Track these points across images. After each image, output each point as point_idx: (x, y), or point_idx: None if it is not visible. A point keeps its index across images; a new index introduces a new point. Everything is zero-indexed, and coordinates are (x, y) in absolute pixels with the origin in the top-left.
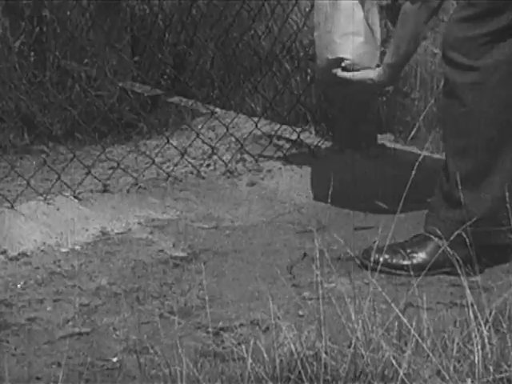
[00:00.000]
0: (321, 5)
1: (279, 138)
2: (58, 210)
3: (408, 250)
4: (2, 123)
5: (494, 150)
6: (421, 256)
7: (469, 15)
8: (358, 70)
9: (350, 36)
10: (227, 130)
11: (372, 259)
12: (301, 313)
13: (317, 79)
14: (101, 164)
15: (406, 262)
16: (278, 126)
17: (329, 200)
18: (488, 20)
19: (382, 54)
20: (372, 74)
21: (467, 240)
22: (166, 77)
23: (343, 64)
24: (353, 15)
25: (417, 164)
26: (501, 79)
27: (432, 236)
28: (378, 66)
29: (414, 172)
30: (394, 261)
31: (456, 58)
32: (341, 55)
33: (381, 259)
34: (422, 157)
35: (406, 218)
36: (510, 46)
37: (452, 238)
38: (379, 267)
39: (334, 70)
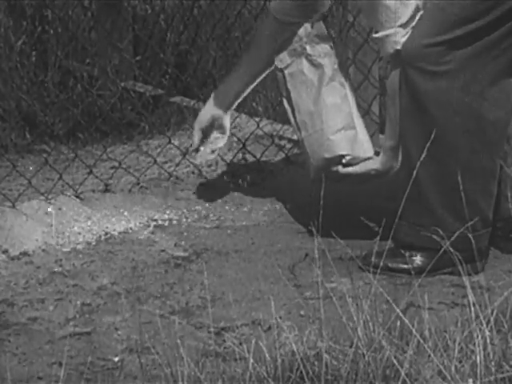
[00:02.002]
0: (300, 104)
1: (281, 138)
2: (59, 209)
3: (407, 254)
4: (3, 123)
5: (463, 158)
6: (420, 259)
7: (434, 24)
8: (358, 164)
9: (343, 131)
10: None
11: (372, 264)
12: (302, 313)
13: (312, 178)
14: (102, 164)
15: (405, 266)
16: (280, 125)
17: (330, 199)
18: (453, 28)
19: None
20: (375, 164)
21: (472, 239)
22: (167, 76)
23: (344, 161)
24: (340, 108)
25: (418, 166)
26: (464, 85)
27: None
28: (375, 153)
29: (415, 172)
30: (394, 265)
31: (420, 65)
32: (339, 152)
33: (381, 264)
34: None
35: None
36: (472, 52)
37: (453, 238)
38: (380, 271)
39: (335, 168)
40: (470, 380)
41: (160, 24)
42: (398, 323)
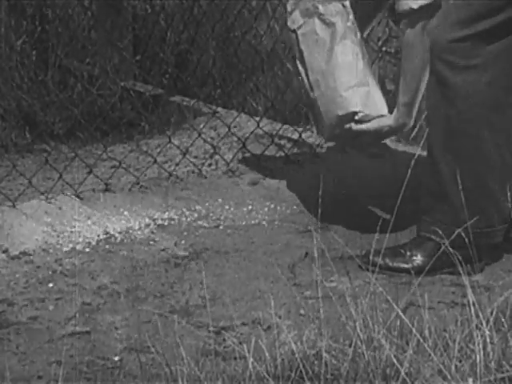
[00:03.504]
0: (313, 63)
1: (281, 137)
2: (59, 209)
3: (408, 253)
4: (3, 122)
5: (486, 152)
6: (420, 258)
7: (463, 16)
8: (371, 121)
9: (355, 88)
10: (229, 130)
11: (372, 263)
12: (302, 312)
13: (326, 137)
14: (102, 163)
15: (406, 266)
16: (280, 125)
17: (330, 199)
18: (482, 20)
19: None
20: (388, 120)
21: (466, 240)
22: (167, 76)
23: (357, 117)
24: (353, 66)
25: (413, 162)
26: (492, 79)
27: (433, 236)
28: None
29: (409, 170)
30: (395, 264)
31: (448, 59)
32: (352, 109)
33: (381, 263)
34: (416, 155)
35: (407, 217)
36: (499, 46)
37: (452, 237)
38: (380, 270)
39: (348, 125)
40: (470, 379)
41: (160, 23)
42: (398, 322)
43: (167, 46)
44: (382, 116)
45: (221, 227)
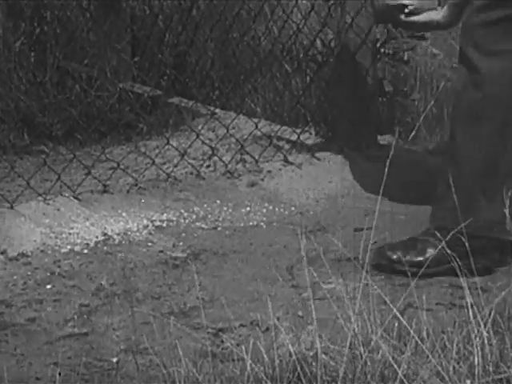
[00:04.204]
0: None
1: (279, 138)
2: (57, 210)
3: (419, 246)
4: (1, 123)
5: (506, 136)
6: (433, 251)
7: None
8: (420, 13)
9: None
10: (227, 131)
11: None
12: (300, 313)
13: (375, 21)
14: (101, 164)
15: (419, 258)
16: (278, 126)
17: (328, 201)
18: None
19: None
20: (437, 15)
21: (470, 235)
22: (166, 77)
23: (406, 10)
24: None
25: (389, 157)
26: None
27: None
28: (439, 4)
29: (387, 165)
30: (408, 257)
31: (478, 42)
32: (403, 2)
33: (394, 257)
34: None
35: (406, 218)
36: None
37: (447, 238)
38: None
39: (398, 16)
40: (468, 381)
41: (158, 25)
42: (396, 324)
43: (165, 47)
44: (432, 10)
45: (219, 229)
